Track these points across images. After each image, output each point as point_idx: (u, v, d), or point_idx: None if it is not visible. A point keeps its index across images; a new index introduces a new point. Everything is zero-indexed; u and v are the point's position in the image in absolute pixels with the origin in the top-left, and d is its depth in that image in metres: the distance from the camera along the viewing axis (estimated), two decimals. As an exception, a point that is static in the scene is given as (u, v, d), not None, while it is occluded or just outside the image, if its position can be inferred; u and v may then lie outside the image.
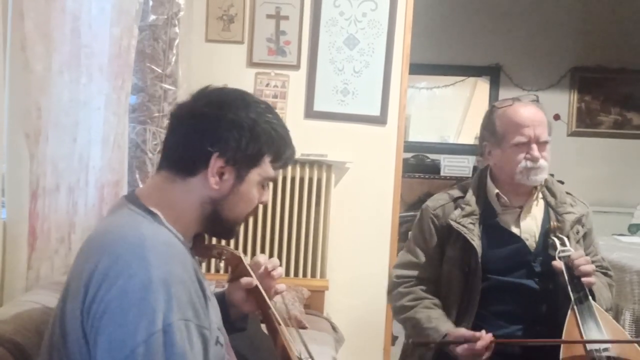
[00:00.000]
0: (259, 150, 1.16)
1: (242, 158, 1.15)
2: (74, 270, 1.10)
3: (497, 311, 1.85)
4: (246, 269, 1.34)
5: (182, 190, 1.15)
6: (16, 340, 1.22)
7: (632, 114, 5.36)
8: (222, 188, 1.15)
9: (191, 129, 1.15)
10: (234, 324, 1.39)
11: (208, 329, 1.06)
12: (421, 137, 5.48)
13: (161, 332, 0.97)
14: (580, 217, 1.92)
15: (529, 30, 5.23)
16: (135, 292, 0.98)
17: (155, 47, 2.43)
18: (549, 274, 1.83)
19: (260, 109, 1.18)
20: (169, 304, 0.99)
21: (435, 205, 1.97)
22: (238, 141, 1.13)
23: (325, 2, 3.02)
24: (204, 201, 1.15)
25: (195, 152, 1.14)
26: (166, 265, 1.02)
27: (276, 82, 3.05)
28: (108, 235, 1.09)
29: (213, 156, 1.13)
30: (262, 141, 1.16)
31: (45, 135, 1.63)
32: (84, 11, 1.79)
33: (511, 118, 1.85)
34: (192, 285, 1.06)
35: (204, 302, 1.09)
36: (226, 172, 1.14)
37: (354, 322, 3.01)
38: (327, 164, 3.01)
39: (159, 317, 0.98)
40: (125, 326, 0.97)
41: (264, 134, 1.16)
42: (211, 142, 1.13)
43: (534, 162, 1.81)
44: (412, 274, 1.96)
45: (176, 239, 1.12)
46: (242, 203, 1.19)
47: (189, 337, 1.00)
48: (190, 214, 1.16)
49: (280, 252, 2.99)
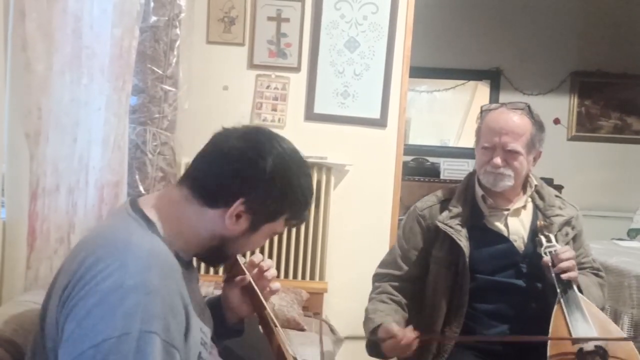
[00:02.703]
0: (280, 209, 1.18)
1: (263, 211, 1.17)
2: (62, 268, 1.10)
3: (487, 310, 1.88)
4: (241, 269, 1.35)
5: (197, 213, 1.15)
6: (14, 341, 1.22)
7: (632, 118, 5.36)
8: (235, 230, 1.16)
9: (227, 166, 1.15)
10: (230, 328, 1.39)
11: (178, 349, 1.01)
12: (421, 141, 5.49)
13: (116, 339, 0.93)
14: (569, 219, 1.95)
15: (529, 35, 5.23)
16: (102, 294, 0.96)
17: (156, 49, 2.43)
18: (538, 274, 1.86)
19: (298, 167, 1.20)
20: (134, 312, 0.96)
21: (423, 207, 2.01)
22: (266, 196, 1.15)
23: (326, 5, 3.03)
24: (214, 234, 1.16)
25: (223, 189, 1.14)
26: (143, 273, 0.99)
27: (277, 84, 3.06)
28: (99, 237, 1.09)
29: (238, 200, 1.13)
30: (287, 202, 1.18)
31: (45, 135, 1.63)
32: (85, 12, 1.79)
33: (486, 122, 1.90)
34: (170, 299, 1.02)
35: (184, 319, 1.06)
36: (243, 217, 1.15)
37: (352, 325, 3.00)
38: (327, 166, 3.01)
39: (118, 324, 0.94)
40: (84, 326, 0.95)
41: (291, 196, 1.18)
42: (241, 186, 1.14)
43: (494, 169, 1.85)
44: (388, 271, 2.01)
45: (167, 249, 1.10)
46: (247, 246, 1.24)
47: (148, 352, 0.95)
48: (196, 237, 1.16)
49: (279, 254, 2.99)
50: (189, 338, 1.07)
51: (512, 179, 1.87)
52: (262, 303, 1.35)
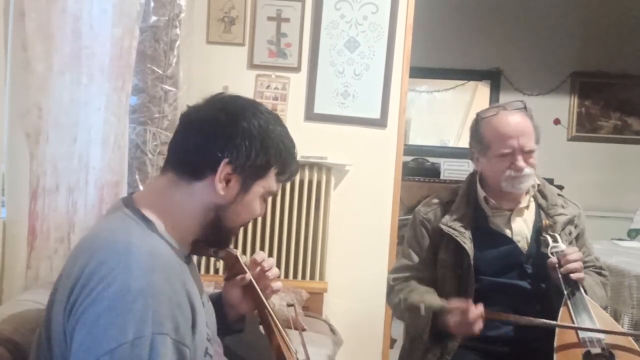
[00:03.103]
0: (267, 161, 1.17)
1: (251, 168, 1.15)
2: (64, 272, 1.10)
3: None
4: (242, 268, 1.35)
5: (185, 194, 1.14)
6: (14, 340, 1.22)
7: (632, 119, 5.36)
8: (227, 195, 1.15)
9: (202, 134, 1.15)
10: (231, 325, 1.39)
11: (188, 346, 1.03)
12: (421, 141, 5.48)
13: (130, 344, 0.94)
14: (572, 218, 1.95)
15: (529, 35, 5.23)
16: (110, 300, 0.97)
17: (156, 49, 2.43)
18: (542, 274, 1.86)
19: (271, 120, 1.19)
20: (145, 315, 0.96)
21: (426, 210, 2.01)
22: (249, 150, 1.14)
23: (326, 5, 3.03)
24: (208, 207, 1.15)
25: (205, 156, 1.13)
26: (148, 275, 1.00)
27: (277, 84, 3.06)
28: (98, 239, 1.08)
29: (222, 162, 1.12)
30: (271, 153, 1.17)
31: (45, 135, 1.63)
32: (85, 12, 1.79)
33: (496, 128, 1.87)
34: (176, 298, 1.03)
35: (190, 316, 1.06)
36: (233, 179, 1.14)
37: (352, 325, 3.01)
38: (327, 166, 3.01)
39: (130, 328, 0.95)
40: (95, 333, 0.95)
41: (273, 146, 1.17)
42: (222, 148, 1.13)
43: (518, 172, 1.84)
44: (408, 275, 1.99)
45: (168, 247, 1.11)
46: (244, 213, 1.19)
47: (161, 353, 0.96)
48: (190, 219, 1.15)
49: (280, 254, 2.99)
50: (196, 333, 1.08)
51: (533, 177, 1.89)
52: (263, 302, 1.35)
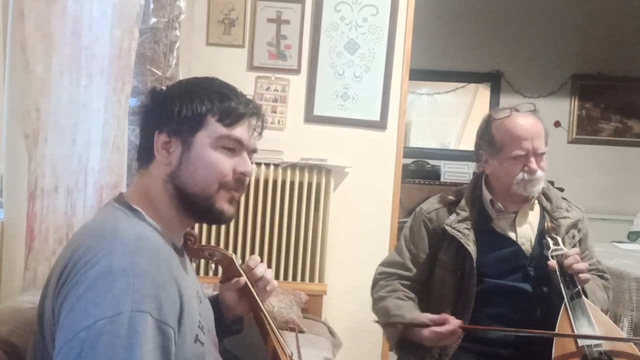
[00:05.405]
0: (196, 111, 1.16)
1: (182, 125, 1.16)
2: (55, 265, 1.11)
3: (493, 314, 1.87)
4: (238, 270, 1.35)
5: (148, 179, 1.18)
6: (12, 341, 1.22)
7: (633, 121, 5.36)
8: (172, 160, 1.16)
9: (141, 123, 1.21)
10: (229, 326, 1.39)
11: (172, 327, 1.01)
12: (421, 143, 5.49)
13: (108, 319, 0.94)
14: (576, 222, 1.94)
15: (530, 37, 5.24)
16: (92, 279, 0.97)
17: (156, 50, 2.43)
18: (545, 277, 1.85)
19: (199, 79, 1.23)
20: (124, 293, 0.96)
21: (429, 209, 2.00)
22: (172, 111, 1.16)
23: (326, 7, 3.03)
24: (165, 180, 1.16)
25: (145, 140, 1.19)
26: (132, 256, 1.00)
27: (276, 86, 3.06)
28: (87, 230, 1.11)
29: (155, 134, 1.16)
30: (196, 102, 1.16)
31: (44, 136, 1.63)
32: (84, 13, 1.79)
33: (510, 130, 1.85)
34: (160, 278, 1.02)
35: (178, 300, 1.05)
36: (172, 144, 1.16)
37: (351, 327, 3.01)
38: (327, 168, 3.01)
39: (109, 306, 0.95)
40: (76, 311, 0.96)
41: (197, 96, 1.17)
42: (154, 126, 1.17)
43: (532, 175, 1.83)
44: (395, 271, 2.00)
45: (155, 233, 1.13)
46: (200, 169, 1.15)
47: (140, 330, 0.95)
48: (161, 200, 1.17)
49: (279, 256, 2.99)
50: (184, 318, 1.06)
51: (544, 180, 1.88)
52: (259, 304, 1.35)
